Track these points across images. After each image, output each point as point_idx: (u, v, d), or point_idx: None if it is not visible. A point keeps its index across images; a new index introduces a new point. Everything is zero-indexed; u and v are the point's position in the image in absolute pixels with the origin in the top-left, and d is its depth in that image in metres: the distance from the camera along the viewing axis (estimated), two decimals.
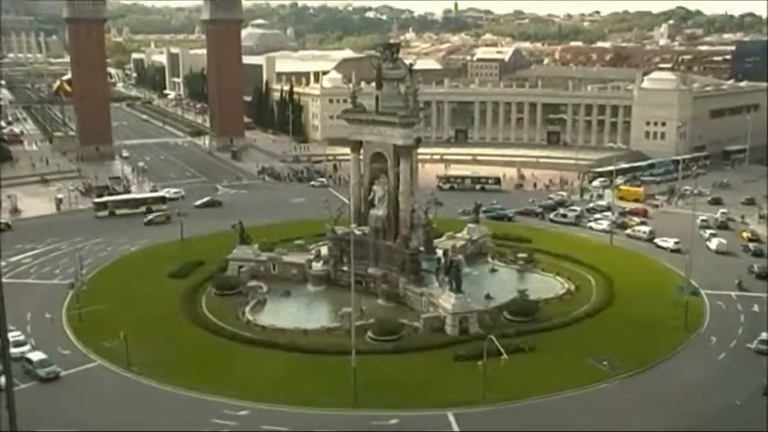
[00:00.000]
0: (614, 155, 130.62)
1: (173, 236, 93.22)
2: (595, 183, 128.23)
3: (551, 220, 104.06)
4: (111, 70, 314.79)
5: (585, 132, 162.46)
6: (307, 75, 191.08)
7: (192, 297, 72.31)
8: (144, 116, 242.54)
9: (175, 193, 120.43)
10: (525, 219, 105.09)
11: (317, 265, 77.59)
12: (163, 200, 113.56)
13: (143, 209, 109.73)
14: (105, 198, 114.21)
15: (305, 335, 63.21)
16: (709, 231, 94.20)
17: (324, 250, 79.45)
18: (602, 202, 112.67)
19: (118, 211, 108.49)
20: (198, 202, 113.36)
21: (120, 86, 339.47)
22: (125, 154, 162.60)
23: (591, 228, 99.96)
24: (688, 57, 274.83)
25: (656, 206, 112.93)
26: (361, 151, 76.03)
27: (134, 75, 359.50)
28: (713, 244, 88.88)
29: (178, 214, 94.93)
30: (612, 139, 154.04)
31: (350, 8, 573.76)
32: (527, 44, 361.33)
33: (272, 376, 55.72)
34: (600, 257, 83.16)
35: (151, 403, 52.77)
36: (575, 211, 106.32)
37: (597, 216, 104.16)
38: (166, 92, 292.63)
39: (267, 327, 64.82)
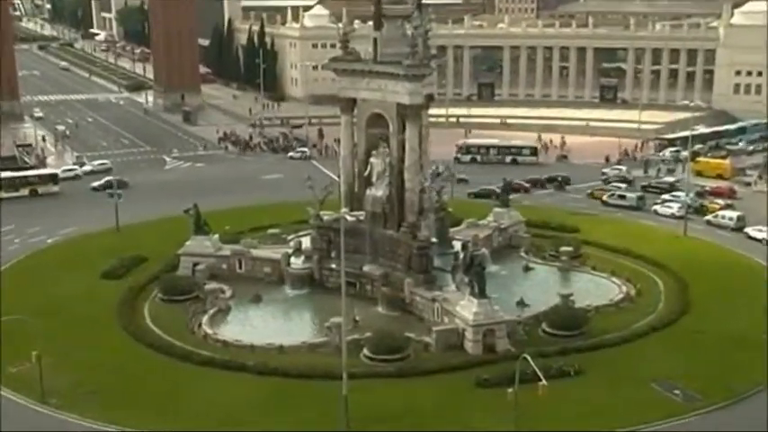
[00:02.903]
0: (690, 116, 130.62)
1: (105, 223, 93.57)
2: (665, 153, 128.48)
3: (604, 203, 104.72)
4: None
5: (652, 87, 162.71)
6: (282, 11, 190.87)
7: (132, 304, 72.65)
8: (63, 63, 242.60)
9: (67, 170, 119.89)
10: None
11: (298, 262, 77.93)
12: (53, 178, 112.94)
13: (25, 191, 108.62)
14: None
15: (281, 353, 63.59)
16: None
17: (306, 242, 79.73)
18: (669, 179, 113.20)
19: None
20: (95, 184, 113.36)
21: (27, 22, 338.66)
22: (38, 114, 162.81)
23: (656, 212, 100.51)
24: None
25: (748, 184, 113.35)
26: (355, 112, 76.16)
27: (47, 7, 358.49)
28: None
29: (110, 195, 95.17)
30: (688, 96, 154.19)
31: None
32: None
33: (238, 408, 56.00)
34: (670, 252, 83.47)
35: None
36: (636, 191, 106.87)
37: (665, 197, 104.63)
38: (94, 31, 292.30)
39: (231, 343, 65.17)
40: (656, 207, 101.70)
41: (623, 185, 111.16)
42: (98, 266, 79.91)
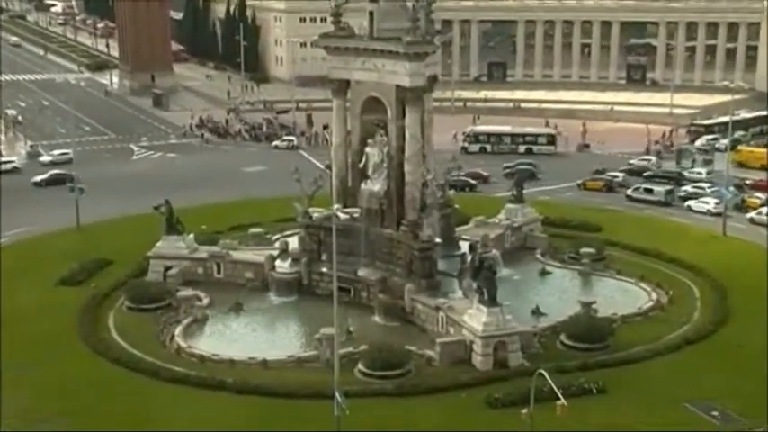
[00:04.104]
0: (730, 99, 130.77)
1: (63, 222, 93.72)
2: (700, 141, 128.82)
3: (630, 198, 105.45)
4: None
5: (686, 66, 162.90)
6: None
7: (95, 313, 72.75)
8: (14, 38, 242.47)
9: (2, 162, 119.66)
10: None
11: (284, 266, 78.22)
12: None
13: None
14: None
15: (264, 369, 63.81)
16: None
17: (293, 243, 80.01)
18: (702, 170, 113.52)
19: None
20: (37, 178, 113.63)
21: None
22: None
23: (689, 209, 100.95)
24: None
25: None
26: (349, 96, 76.37)
27: None
28: None
29: (72, 189, 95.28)
30: (728, 77, 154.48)
31: None
32: None
33: (216, 431, 56.25)
34: (706, 254, 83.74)
35: None
36: (664, 184, 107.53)
37: (689, 188, 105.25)
38: (49, 2, 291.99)
39: (208, 357, 65.32)
40: (691, 203, 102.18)
41: (620, 175, 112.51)
42: (56, 271, 79.98)
